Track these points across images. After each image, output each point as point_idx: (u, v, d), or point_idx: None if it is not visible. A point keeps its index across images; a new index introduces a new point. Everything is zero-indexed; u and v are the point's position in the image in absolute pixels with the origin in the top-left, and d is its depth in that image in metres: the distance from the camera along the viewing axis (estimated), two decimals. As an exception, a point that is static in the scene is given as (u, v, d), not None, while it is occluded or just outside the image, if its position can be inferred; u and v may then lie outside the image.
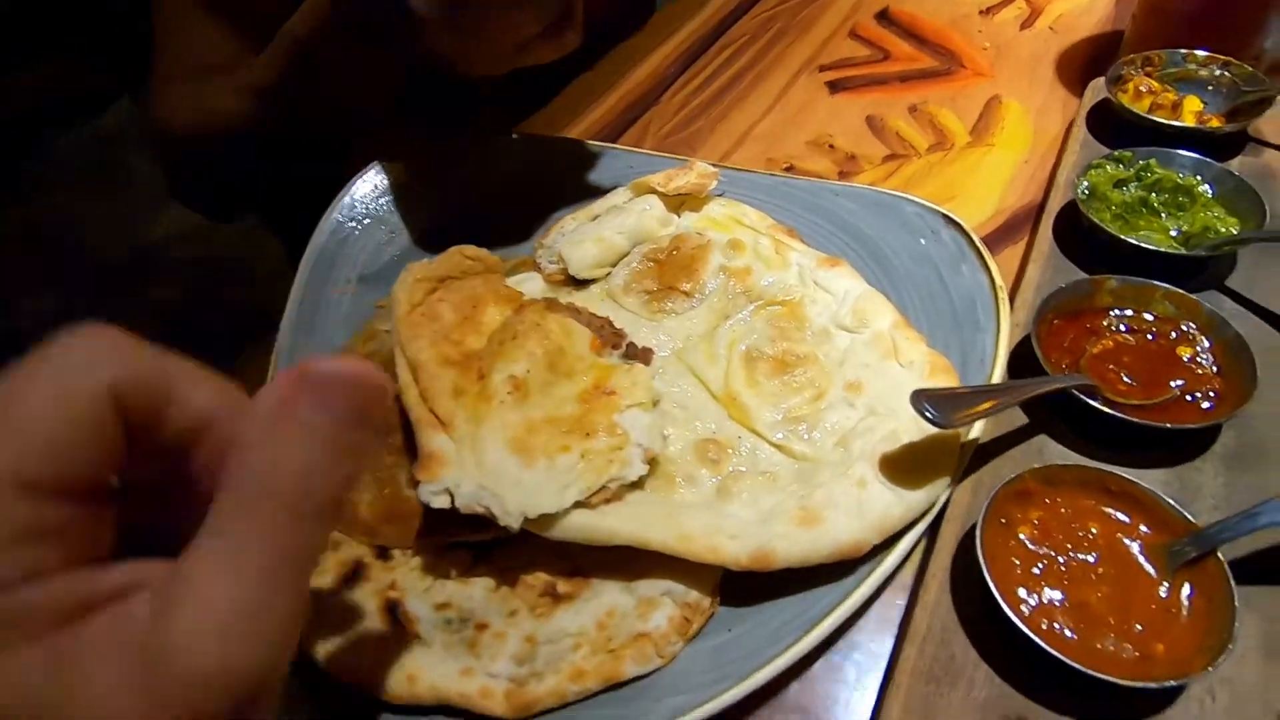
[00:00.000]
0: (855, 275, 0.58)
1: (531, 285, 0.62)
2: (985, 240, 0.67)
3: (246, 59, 0.68)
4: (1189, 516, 0.39)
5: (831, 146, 0.79)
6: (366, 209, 0.68)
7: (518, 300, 0.55)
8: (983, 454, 0.48)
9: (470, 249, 0.58)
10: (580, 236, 0.63)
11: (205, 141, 0.73)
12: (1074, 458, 0.46)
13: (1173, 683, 0.35)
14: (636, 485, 0.46)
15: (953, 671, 0.39)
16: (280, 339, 0.58)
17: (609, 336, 0.55)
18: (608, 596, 0.44)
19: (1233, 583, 0.37)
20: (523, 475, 0.44)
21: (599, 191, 0.69)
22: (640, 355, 0.55)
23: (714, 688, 0.40)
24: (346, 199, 0.67)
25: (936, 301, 0.56)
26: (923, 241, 0.60)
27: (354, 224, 0.67)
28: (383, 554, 0.47)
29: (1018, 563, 0.41)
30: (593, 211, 0.67)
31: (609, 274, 0.63)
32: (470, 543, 0.47)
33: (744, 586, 0.43)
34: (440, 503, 0.42)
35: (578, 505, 0.43)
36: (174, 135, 0.75)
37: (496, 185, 0.71)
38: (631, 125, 0.86)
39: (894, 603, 0.45)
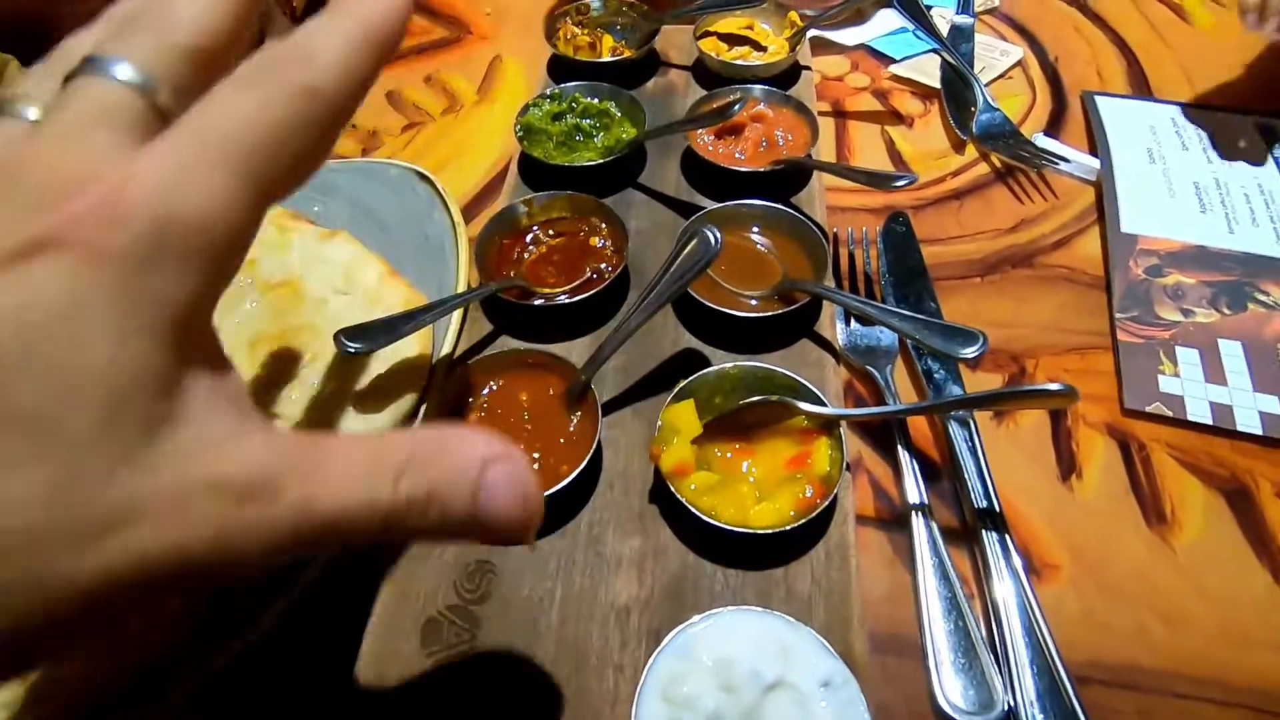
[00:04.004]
0: (352, 241, 0.63)
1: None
2: (490, 183, 0.77)
3: None
4: (577, 366, 0.51)
5: (354, 126, 0.83)
6: None
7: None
8: (463, 360, 0.56)
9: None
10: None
11: None
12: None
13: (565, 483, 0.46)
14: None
15: (425, 546, 0.47)
16: None
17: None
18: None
19: (599, 402, 0.49)
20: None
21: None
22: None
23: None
24: None
25: (421, 248, 0.63)
26: (405, 198, 0.67)
27: None
28: None
29: (469, 442, 0.50)
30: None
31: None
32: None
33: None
34: None
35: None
36: None
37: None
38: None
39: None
